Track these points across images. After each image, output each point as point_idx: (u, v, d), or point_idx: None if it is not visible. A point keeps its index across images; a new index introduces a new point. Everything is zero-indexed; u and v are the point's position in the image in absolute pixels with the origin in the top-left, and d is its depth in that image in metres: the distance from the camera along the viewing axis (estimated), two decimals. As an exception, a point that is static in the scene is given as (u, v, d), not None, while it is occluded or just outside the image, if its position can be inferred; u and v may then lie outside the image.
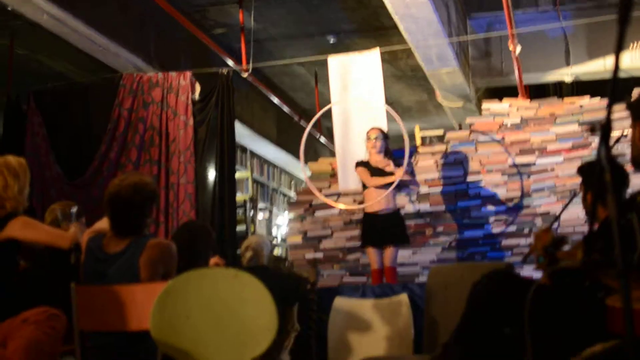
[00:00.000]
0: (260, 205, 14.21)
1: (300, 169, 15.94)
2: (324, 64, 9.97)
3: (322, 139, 14.70)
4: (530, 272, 7.20)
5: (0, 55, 10.19)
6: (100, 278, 4.58)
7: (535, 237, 4.33)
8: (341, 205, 9.31)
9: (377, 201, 8.18)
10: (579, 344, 3.15)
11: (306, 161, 11.10)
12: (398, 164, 8.40)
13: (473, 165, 9.61)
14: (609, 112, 2.24)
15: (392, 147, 8.69)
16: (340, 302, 6.66)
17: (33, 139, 9.81)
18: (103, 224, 4.95)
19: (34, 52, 10.56)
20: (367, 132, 8.45)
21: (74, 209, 6.16)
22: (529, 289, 3.55)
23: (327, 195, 9.89)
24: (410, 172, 9.02)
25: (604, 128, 2.25)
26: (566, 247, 4.43)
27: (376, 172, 8.30)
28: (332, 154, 10.31)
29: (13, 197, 5.11)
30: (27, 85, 10.21)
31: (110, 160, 9.62)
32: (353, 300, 6.74)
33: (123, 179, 4.75)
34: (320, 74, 12.80)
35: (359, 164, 8.44)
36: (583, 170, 5.04)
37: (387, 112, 8.98)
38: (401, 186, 8.50)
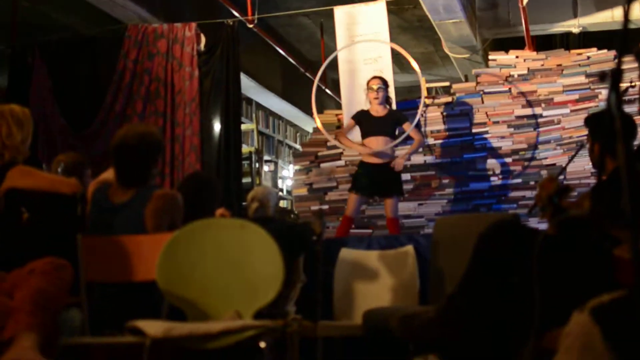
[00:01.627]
0: (266, 157, 14.19)
1: (305, 121, 15.95)
2: (330, 15, 9.92)
3: (328, 91, 14.64)
4: (535, 224, 7.19)
5: (4, 7, 10.13)
6: (106, 228, 4.59)
7: (540, 186, 4.31)
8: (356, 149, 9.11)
9: (374, 156, 8.19)
10: (585, 293, 3.14)
11: (312, 113, 11.07)
12: (402, 117, 8.42)
13: (479, 117, 9.57)
14: (620, 61, 2.22)
15: (397, 99, 8.67)
16: (346, 254, 6.66)
17: (38, 91, 9.79)
18: (109, 174, 4.96)
19: (38, 3, 10.49)
20: (368, 82, 8.41)
21: (59, 162, 6.14)
22: (535, 239, 3.54)
23: (332, 147, 9.88)
24: (416, 124, 9.00)
25: (614, 76, 2.23)
26: (571, 198, 4.41)
27: (377, 121, 8.29)
28: (338, 105, 10.27)
29: (14, 146, 5.09)
30: (32, 37, 10.18)
31: (115, 112, 9.61)
32: (359, 252, 6.73)
33: (129, 129, 4.75)
34: (326, 25, 12.70)
35: (358, 114, 8.44)
36: (590, 121, 5.00)
37: (394, 64, 8.92)
38: (406, 138, 8.47)
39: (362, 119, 8.38)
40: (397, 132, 8.44)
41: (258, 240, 4.20)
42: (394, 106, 8.75)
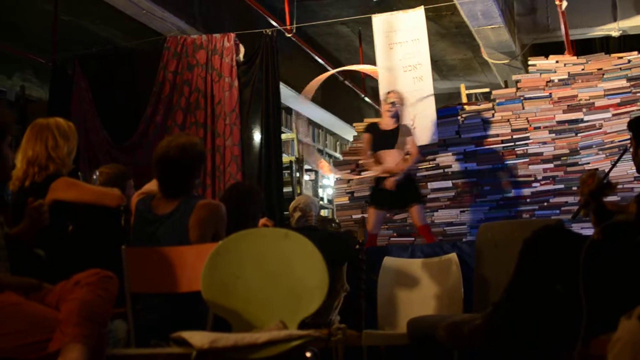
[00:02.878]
0: (306, 166, 14.19)
1: (345, 130, 15.92)
2: (367, 23, 9.93)
3: (367, 99, 14.64)
4: (580, 230, 7.14)
5: (45, 20, 10.22)
6: (150, 239, 4.60)
7: (581, 182, 4.28)
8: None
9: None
10: (633, 299, 3.11)
11: (352, 122, 11.07)
12: (408, 132, 8.43)
13: (520, 122, 9.51)
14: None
15: (437, 105, 8.67)
16: (390, 262, 6.63)
17: (79, 104, 9.87)
18: (152, 185, 4.97)
19: (78, 17, 10.58)
20: (387, 94, 8.45)
21: (101, 174, 6.16)
22: (581, 245, 3.50)
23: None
24: (456, 130, 9.00)
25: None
26: (613, 196, 4.38)
27: (383, 135, 8.32)
28: (377, 113, 10.25)
29: (60, 159, 5.13)
30: (72, 50, 10.26)
31: (156, 123, 9.66)
32: (402, 260, 6.71)
33: (171, 140, 4.75)
34: (364, 33, 12.71)
35: (369, 127, 8.48)
36: (634, 124, 4.93)
37: (433, 71, 8.90)
38: (447, 145, 8.46)
39: (373, 132, 8.38)
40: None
41: (302, 250, 4.19)
42: (430, 116, 8.72)
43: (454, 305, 6.16)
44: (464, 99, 10.72)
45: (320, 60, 12.60)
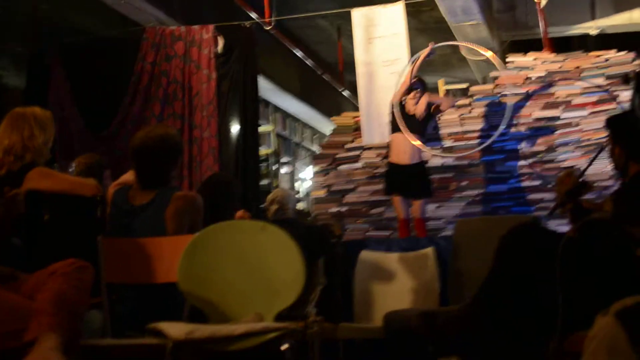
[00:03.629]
0: (284, 159, 14.21)
1: (323, 123, 15.92)
2: (347, 17, 9.93)
3: (346, 93, 14.64)
4: (555, 227, 7.16)
5: (23, 9, 10.16)
6: (127, 230, 4.58)
7: (559, 181, 4.30)
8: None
9: (404, 153, 8.20)
10: (609, 296, 3.12)
11: (329, 116, 11.07)
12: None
13: (497, 119, 9.53)
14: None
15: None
16: (366, 256, 6.64)
17: (56, 92, 9.83)
18: (129, 176, 4.95)
19: (57, 6, 10.52)
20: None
21: (78, 164, 6.14)
22: (557, 242, 3.52)
23: (350, 149, 9.90)
24: (434, 126, 9.02)
25: (638, 77, 2.22)
26: (590, 194, 4.40)
27: (407, 118, 8.32)
28: (355, 108, 10.28)
29: (36, 148, 5.10)
30: (50, 39, 10.20)
31: (133, 114, 9.64)
32: (379, 254, 6.72)
33: (148, 131, 4.74)
34: (343, 27, 12.71)
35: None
36: (613, 123, 4.94)
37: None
38: (425, 140, 8.48)
39: (394, 114, 8.39)
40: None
41: (278, 243, 4.19)
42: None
43: (430, 299, 6.18)
44: (442, 94, 10.73)
45: (299, 53, 12.59)
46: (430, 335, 4.22)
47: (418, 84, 8.44)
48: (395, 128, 8.36)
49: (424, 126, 8.47)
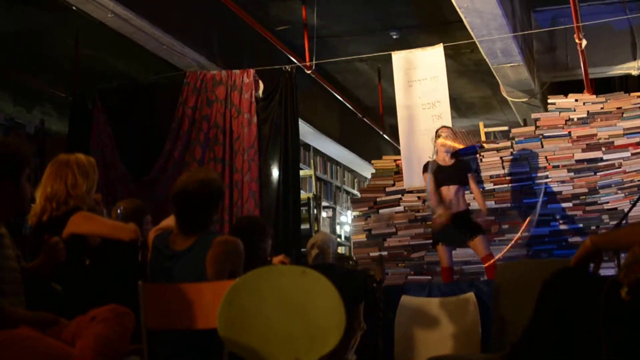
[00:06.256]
0: (324, 203, 14.18)
1: (363, 167, 15.90)
2: (386, 60, 9.94)
3: (386, 136, 14.63)
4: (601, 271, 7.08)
5: (65, 54, 10.29)
6: (167, 275, 4.58)
7: (626, 267, 4.04)
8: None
9: (449, 203, 8.19)
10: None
11: (370, 159, 11.06)
12: (468, 166, 8.55)
13: (539, 161, 9.48)
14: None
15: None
16: (407, 301, 6.61)
17: (99, 138, 9.90)
18: (169, 221, 4.96)
19: (98, 51, 10.65)
20: (437, 130, 8.45)
21: (120, 210, 6.16)
22: (601, 287, 3.47)
23: (391, 193, 9.88)
24: (475, 169, 8.99)
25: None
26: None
27: (447, 170, 8.30)
28: (395, 151, 10.26)
29: (80, 196, 5.14)
30: (92, 84, 10.31)
31: (174, 159, 9.67)
32: (419, 299, 6.69)
33: (190, 176, 4.75)
34: (383, 70, 12.74)
35: (425, 167, 8.44)
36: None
37: (452, 109, 8.92)
38: (466, 183, 8.46)
39: (432, 170, 8.39)
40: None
41: (319, 288, 4.16)
42: None
43: (471, 345, 6.13)
44: (483, 137, 10.69)
45: (339, 97, 12.61)
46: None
47: (450, 132, 8.49)
48: (438, 184, 8.35)
49: (462, 175, 8.44)
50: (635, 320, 3.37)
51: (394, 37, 11.90)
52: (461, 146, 8.63)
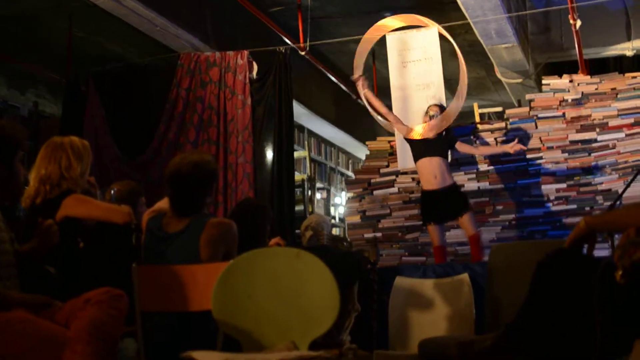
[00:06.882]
0: (318, 184, 14.17)
1: (357, 148, 15.88)
2: (381, 42, 9.90)
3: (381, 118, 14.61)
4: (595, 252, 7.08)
5: (59, 37, 10.26)
6: (161, 258, 4.58)
7: (620, 248, 4.04)
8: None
9: (434, 178, 8.19)
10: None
11: (364, 140, 11.05)
12: (453, 138, 8.69)
13: (533, 142, 9.47)
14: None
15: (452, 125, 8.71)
16: (401, 282, 6.62)
17: (92, 120, 9.90)
18: (163, 203, 4.96)
19: (92, 33, 10.61)
20: (427, 108, 8.48)
21: (114, 192, 6.16)
22: (595, 267, 3.47)
23: (385, 174, 9.88)
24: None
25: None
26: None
27: (425, 141, 8.42)
28: (390, 132, 10.25)
29: (73, 178, 5.14)
30: (85, 67, 10.30)
31: (168, 140, 9.67)
32: (414, 280, 6.69)
33: (184, 158, 4.74)
34: (377, 51, 12.69)
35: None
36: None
37: (446, 89, 8.91)
38: (460, 164, 8.46)
39: (412, 142, 8.42)
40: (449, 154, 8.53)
41: (313, 269, 4.16)
42: None
43: (465, 326, 6.14)
44: (477, 118, 10.67)
45: (333, 78, 12.58)
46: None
47: (438, 110, 8.53)
48: (418, 155, 8.37)
49: (444, 148, 8.47)
50: (629, 302, 3.37)
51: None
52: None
